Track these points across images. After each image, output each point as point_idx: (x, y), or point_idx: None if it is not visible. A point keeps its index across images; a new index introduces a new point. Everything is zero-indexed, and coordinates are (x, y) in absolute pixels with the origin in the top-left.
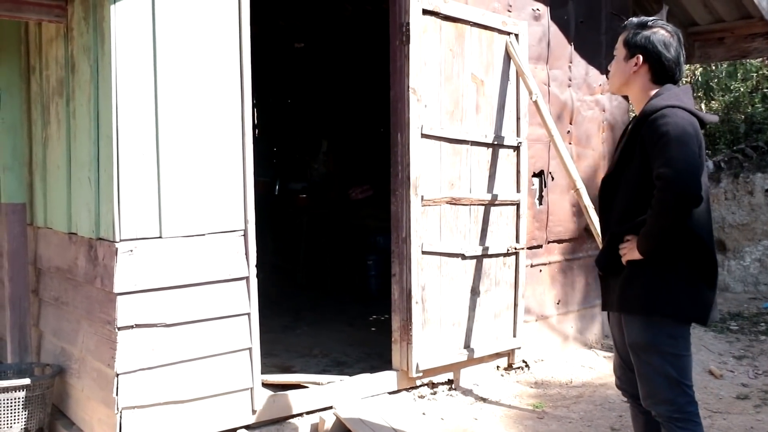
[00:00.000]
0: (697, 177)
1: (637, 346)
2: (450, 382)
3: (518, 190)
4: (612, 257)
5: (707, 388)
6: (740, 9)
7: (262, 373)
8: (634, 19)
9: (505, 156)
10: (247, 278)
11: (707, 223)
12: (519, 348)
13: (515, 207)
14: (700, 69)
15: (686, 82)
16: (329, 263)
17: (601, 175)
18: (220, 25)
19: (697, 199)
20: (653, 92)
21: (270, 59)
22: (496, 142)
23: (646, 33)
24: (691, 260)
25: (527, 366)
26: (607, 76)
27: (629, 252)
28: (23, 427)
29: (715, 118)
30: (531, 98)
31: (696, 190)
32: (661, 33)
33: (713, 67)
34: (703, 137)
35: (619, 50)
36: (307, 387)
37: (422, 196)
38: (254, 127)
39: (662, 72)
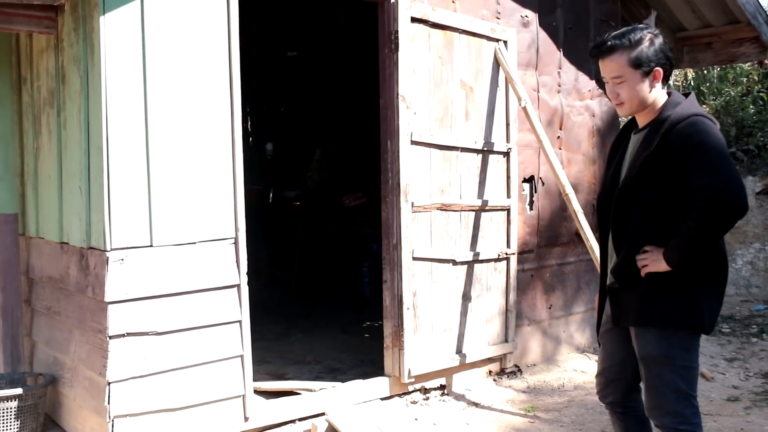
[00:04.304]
0: (744, 188)
1: (651, 359)
2: (442, 387)
3: (508, 196)
4: (630, 269)
5: (699, 390)
6: (727, 14)
7: (255, 381)
8: (621, 40)
9: (495, 162)
10: (238, 286)
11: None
12: (511, 353)
13: (506, 212)
14: (693, 73)
15: (679, 86)
16: (323, 270)
17: (591, 179)
18: (210, 35)
19: (745, 211)
20: (662, 98)
21: (263, 68)
22: (485, 148)
23: (648, 45)
24: (710, 270)
25: (519, 371)
26: (596, 82)
27: (652, 263)
28: None
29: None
30: (520, 104)
31: (745, 202)
32: (655, 35)
33: (705, 72)
34: None
35: (627, 74)
36: (299, 394)
37: (413, 203)
38: (248, 135)
39: (670, 73)
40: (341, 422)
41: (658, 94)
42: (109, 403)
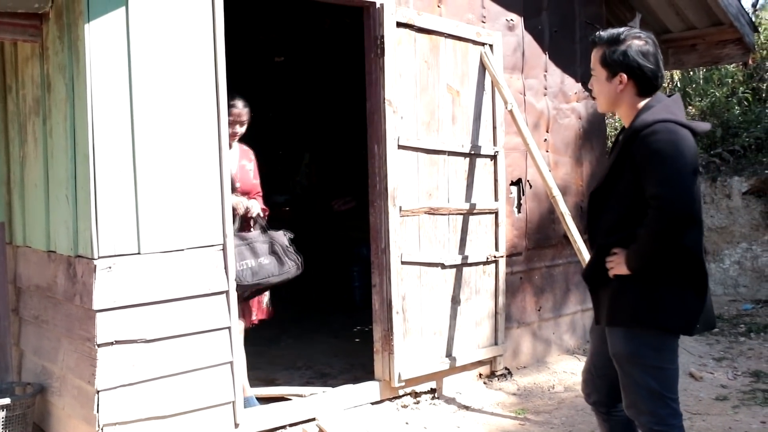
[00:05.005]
0: (695, 198)
1: (620, 357)
2: (433, 391)
3: (496, 199)
4: (599, 270)
5: (687, 390)
6: (710, 16)
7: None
8: (604, 34)
9: (483, 165)
10: (226, 292)
11: (698, 234)
12: (501, 355)
13: (494, 215)
14: (679, 75)
15: (665, 87)
16: (313, 275)
17: (578, 181)
18: (195, 41)
19: (695, 222)
20: (641, 104)
21: (250, 73)
22: (473, 152)
23: (622, 48)
24: (680, 271)
25: (509, 373)
26: (582, 85)
27: (617, 266)
28: None
29: (707, 126)
30: (506, 107)
31: (694, 212)
32: (637, 44)
33: (691, 73)
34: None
35: (598, 70)
36: (290, 399)
37: (400, 207)
38: None
39: (647, 83)
40: (332, 427)
41: (632, 100)
42: (98, 411)
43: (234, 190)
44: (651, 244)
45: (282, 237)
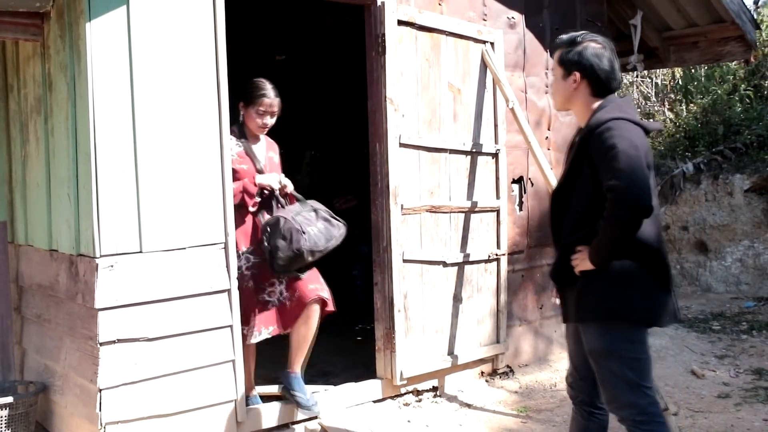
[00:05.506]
0: (648, 188)
1: (597, 352)
2: (435, 389)
3: (498, 197)
4: (565, 269)
5: (689, 388)
6: (712, 13)
7: None
8: (564, 37)
9: (484, 163)
10: (228, 290)
11: (656, 227)
12: (502, 353)
13: (495, 213)
14: (680, 72)
15: (667, 84)
16: None
17: None
18: (197, 40)
19: (649, 210)
20: (596, 105)
21: (252, 72)
22: (474, 150)
23: (578, 49)
24: (643, 265)
25: (511, 371)
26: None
27: (581, 262)
28: None
29: (658, 125)
30: (508, 105)
31: (647, 201)
32: (592, 46)
33: (693, 71)
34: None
35: (556, 69)
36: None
37: (402, 205)
38: None
39: (600, 84)
40: (334, 426)
41: (586, 99)
42: (100, 410)
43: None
44: (611, 235)
45: (320, 204)
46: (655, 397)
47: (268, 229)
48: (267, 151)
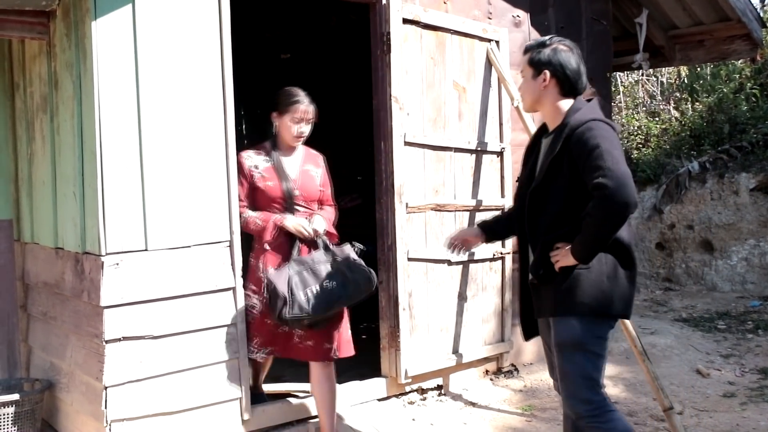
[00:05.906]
0: (633, 185)
1: (565, 344)
2: (439, 387)
3: (503, 195)
4: (546, 265)
5: (694, 387)
6: (718, 11)
7: None
8: (534, 41)
9: (489, 162)
10: (233, 288)
11: (629, 225)
12: (507, 352)
13: (500, 212)
14: (686, 71)
15: (672, 83)
16: None
17: None
18: (202, 39)
19: (635, 206)
20: (566, 105)
21: (256, 70)
22: (479, 148)
23: (548, 50)
24: (619, 261)
25: (516, 370)
26: (588, 81)
27: (563, 258)
28: None
29: (618, 127)
30: (513, 104)
31: (634, 198)
32: (561, 47)
33: (698, 69)
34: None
35: (526, 70)
36: (297, 396)
37: (407, 204)
38: (242, 137)
39: (568, 83)
40: (339, 424)
41: (554, 98)
42: (106, 407)
43: (293, 198)
44: (597, 231)
45: (348, 250)
46: (606, 396)
47: (267, 281)
48: (303, 164)
